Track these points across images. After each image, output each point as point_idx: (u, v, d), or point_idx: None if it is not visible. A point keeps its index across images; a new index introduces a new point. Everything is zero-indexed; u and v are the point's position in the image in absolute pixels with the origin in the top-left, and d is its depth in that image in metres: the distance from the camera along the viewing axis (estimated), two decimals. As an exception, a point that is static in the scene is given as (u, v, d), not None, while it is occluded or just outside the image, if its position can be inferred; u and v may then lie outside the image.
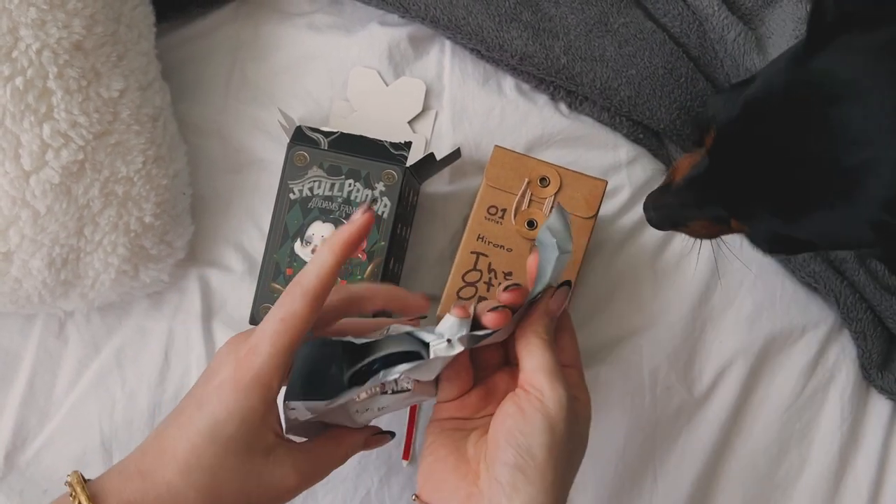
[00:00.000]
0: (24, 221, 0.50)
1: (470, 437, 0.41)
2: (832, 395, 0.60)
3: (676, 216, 0.45)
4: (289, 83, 0.62)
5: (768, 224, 0.39)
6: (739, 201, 0.40)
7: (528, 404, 0.38)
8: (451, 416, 0.42)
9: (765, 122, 0.37)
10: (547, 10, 0.61)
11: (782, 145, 0.36)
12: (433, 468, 0.41)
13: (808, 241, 0.39)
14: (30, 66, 0.47)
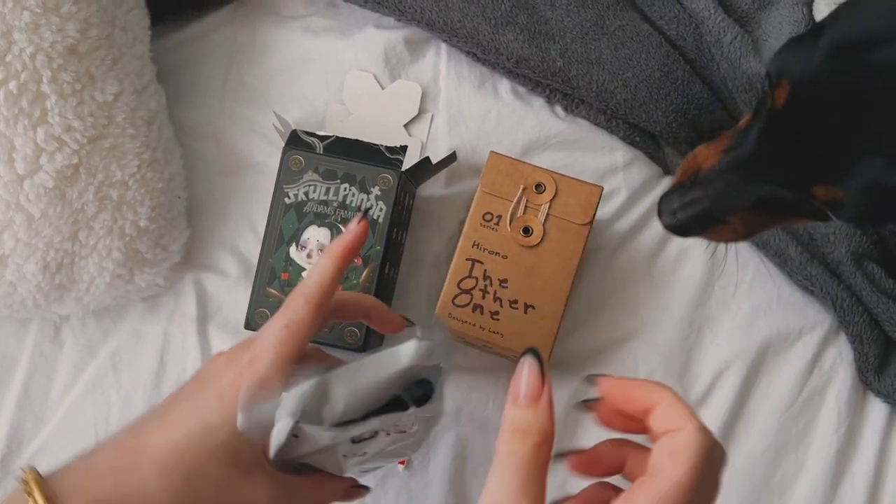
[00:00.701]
0: (18, 225, 0.49)
1: None
2: (829, 399, 0.60)
3: (714, 210, 0.36)
4: (285, 86, 0.62)
5: (872, 177, 0.32)
6: (826, 161, 0.32)
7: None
8: None
9: (860, 60, 0.31)
10: (543, 12, 0.60)
11: (889, 81, 0.31)
12: None
13: None
14: (24, 70, 0.47)
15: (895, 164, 0.31)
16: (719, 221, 0.37)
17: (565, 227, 0.52)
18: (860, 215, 0.34)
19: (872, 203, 0.33)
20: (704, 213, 0.36)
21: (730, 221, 0.37)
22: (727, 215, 0.36)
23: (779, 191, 0.35)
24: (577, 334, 0.59)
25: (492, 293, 0.52)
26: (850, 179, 0.32)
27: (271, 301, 0.52)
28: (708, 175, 0.36)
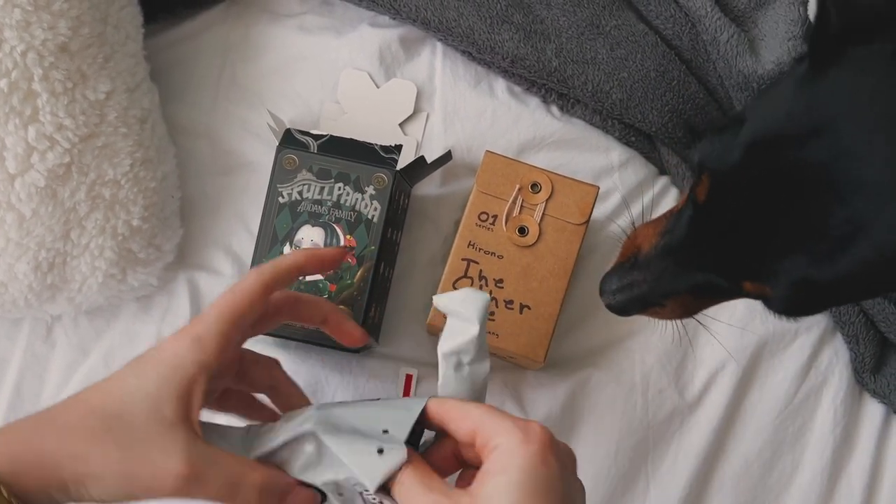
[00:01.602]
0: (9, 225, 0.49)
1: None
2: (825, 399, 0.60)
3: (650, 294, 0.37)
4: (279, 85, 0.62)
5: (798, 274, 0.32)
6: (750, 258, 0.33)
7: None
8: None
9: (778, 159, 0.32)
10: (538, 12, 0.60)
11: (809, 181, 0.31)
12: None
13: (842, 290, 0.33)
14: (14, 68, 0.47)
15: (818, 260, 0.31)
16: (657, 304, 0.38)
17: (561, 226, 0.52)
18: (788, 308, 0.34)
19: (801, 298, 0.33)
20: (642, 297, 0.37)
21: (667, 304, 0.37)
22: (664, 299, 0.37)
23: (713, 279, 0.35)
24: (572, 334, 0.59)
25: (487, 293, 0.52)
26: (776, 278, 0.33)
27: (265, 301, 0.52)
28: (645, 259, 0.37)
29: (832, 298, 0.35)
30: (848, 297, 0.36)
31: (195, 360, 0.37)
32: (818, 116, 0.31)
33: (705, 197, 0.34)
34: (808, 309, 0.35)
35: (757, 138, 0.33)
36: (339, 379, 0.58)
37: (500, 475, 0.34)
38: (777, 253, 0.32)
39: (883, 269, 0.31)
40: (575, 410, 0.59)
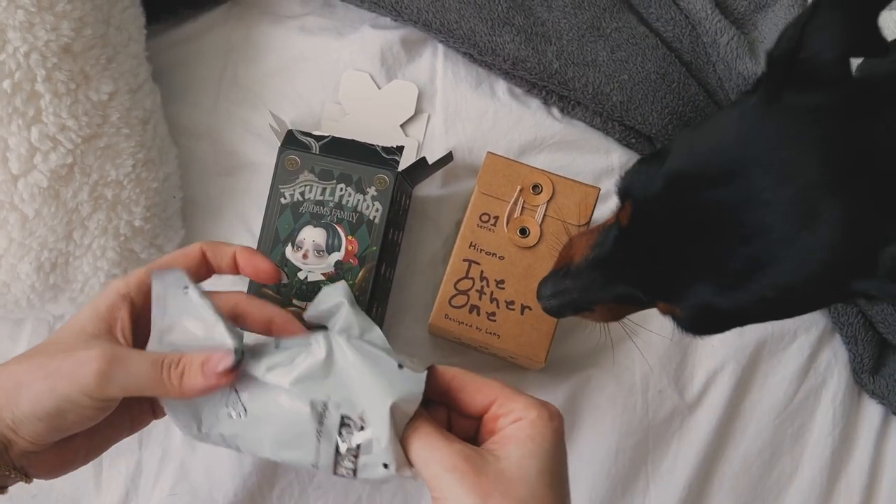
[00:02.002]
0: (11, 225, 0.49)
1: None
2: (824, 400, 0.60)
3: (580, 301, 0.41)
4: (280, 86, 0.62)
5: (702, 300, 0.36)
6: (663, 281, 0.37)
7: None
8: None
9: (692, 196, 0.35)
10: (539, 14, 0.60)
11: (718, 220, 0.34)
12: None
13: (742, 316, 0.37)
14: (17, 69, 0.47)
15: (721, 290, 0.35)
16: (587, 309, 0.42)
17: (562, 227, 0.52)
18: (693, 328, 0.38)
19: (704, 321, 0.37)
20: (573, 303, 0.41)
21: (596, 309, 0.42)
22: (593, 306, 0.41)
23: (633, 292, 0.39)
24: (573, 335, 0.60)
25: (488, 294, 0.52)
26: (684, 302, 0.37)
27: (267, 301, 0.52)
28: (576, 269, 0.41)
29: (733, 322, 0.38)
30: (748, 321, 0.39)
31: (118, 292, 0.41)
32: (737, 158, 0.34)
33: (627, 222, 0.38)
34: (710, 330, 0.39)
35: (677, 174, 0.36)
36: (341, 379, 0.58)
37: (528, 442, 0.36)
38: (686, 280, 0.36)
39: (777, 304, 0.35)
40: (575, 411, 0.59)
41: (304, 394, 0.38)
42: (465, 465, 0.35)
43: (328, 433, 0.38)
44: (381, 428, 0.37)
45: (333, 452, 0.38)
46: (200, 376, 0.39)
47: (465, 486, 0.35)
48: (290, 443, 0.39)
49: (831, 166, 0.32)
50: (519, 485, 0.35)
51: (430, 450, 0.36)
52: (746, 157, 0.34)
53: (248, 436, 0.40)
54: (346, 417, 0.38)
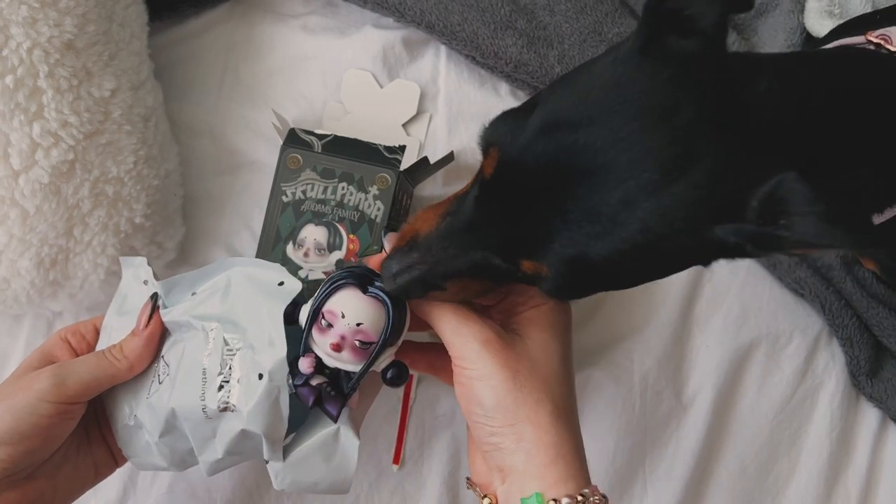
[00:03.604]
0: (12, 221, 0.49)
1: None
2: (821, 402, 0.60)
3: (429, 275, 0.37)
4: (282, 84, 0.62)
5: (574, 251, 0.33)
6: (530, 235, 0.34)
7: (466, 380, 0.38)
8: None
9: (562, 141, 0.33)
10: (542, 18, 0.61)
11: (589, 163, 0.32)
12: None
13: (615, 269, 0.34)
14: (20, 65, 0.47)
15: (591, 239, 0.33)
16: (438, 287, 0.37)
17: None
18: (562, 288, 0.35)
19: (574, 278, 0.34)
20: (421, 279, 0.37)
21: (448, 287, 0.37)
22: (444, 281, 0.37)
23: (492, 258, 0.35)
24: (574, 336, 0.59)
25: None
26: (551, 254, 0.34)
27: (268, 299, 0.52)
28: (426, 240, 0.37)
29: (604, 280, 0.35)
30: (620, 279, 0.36)
31: (59, 336, 0.46)
32: (609, 101, 0.33)
33: (492, 171, 0.35)
34: (580, 289, 0.36)
35: (546, 120, 0.34)
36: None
37: (549, 328, 0.39)
38: (552, 232, 0.34)
39: (649, 252, 0.33)
40: (573, 412, 0.59)
41: (198, 322, 0.42)
42: (498, 341, 0.38)
43: (214, 353, 0.41)
44: (259, 339, 0.39)
45: (217, 374, 0.40)
46: (135, 337, 0.43)
47: (497, 359, 0.37)
48: (185, 380, 0.42)
49: (706, 111, 0.32)
50: (543, 365, 0.38)
51: (465, 323, 0.38)
52: (618, 100, 0.33)
53: (172, 395, 0.42)
54: (229, 337, 0.41)
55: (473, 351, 0.37)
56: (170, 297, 0.45)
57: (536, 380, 0.38)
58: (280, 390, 0.39)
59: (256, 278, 0.42)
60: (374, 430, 0.58)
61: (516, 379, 0.37)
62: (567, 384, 0.40)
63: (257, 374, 0.39)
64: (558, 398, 0.38)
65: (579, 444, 0.39)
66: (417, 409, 0.58)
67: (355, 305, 0.38)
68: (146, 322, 0.44)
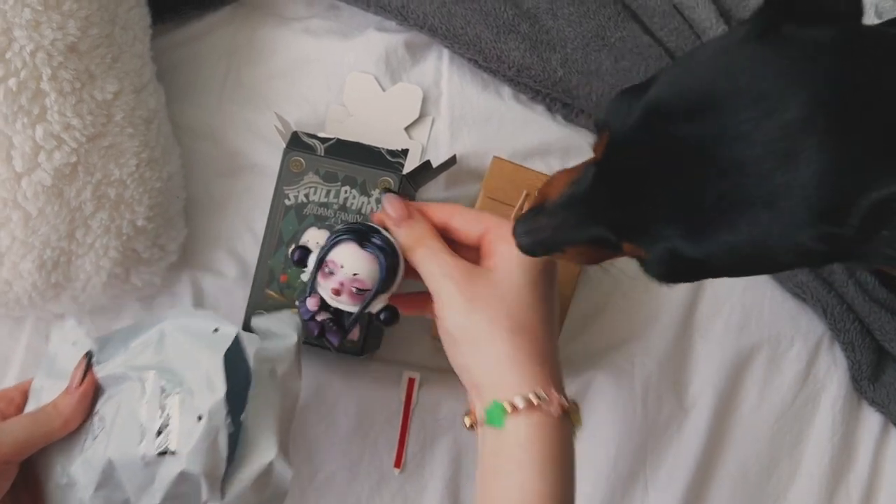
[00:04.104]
0: (14, 223, 0.49)
1: None
2: (823, 406, 0.60)
3: (551, 241, 0.39)
4: (284, 87, 0.62)
5: (669, 244, 0.33)
6: (634, 220, 0.35)
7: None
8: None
9: (670, 128, 0.32)
10: (545, 22, 0.61)
11: (694, 154, 0.32)
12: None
13: (712, 265, 0.34)
14: (23, 68, 0.47)
15: (687, 237, 0.33)
16: (559, 251, 0.39)
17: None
18: (660, 275, 0.36)
19: (671, 266, 0.35)
20: (543, 242, 0.39)
21: (567, 251, 0.39)
22: (563, 247, 0.39)
23: (606, 235, 0.36)
24: (577, 339, 0.60)
25: None
26: (651, 244, 0.34)
27: (269, 303, 0.52)
28: (551, 207, 0.38)
29: (701, 270, 0.35)
30: (719, 271, 0.36)
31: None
32: (720, 90, 0.32)
33: (601, 155, 0.35)
34: (678, 277, 0.36)
35: (656, 104, 0.33)
36: (342, 382, 0.58)
37: (518, 257, 0.40)
38: (654, 219, 0.33)
39: (748, 248, 0.32)
40: (575, 415, 0.59)
41: (134, 372, 0.43)
42: (459, 273, 0.41)
43: (151, 400, 0.42)
44: (197, 383, 0.41)
45: (154, 421, 0.41)
46: (69, 394, 0.44)
47: (458, 287, 0.41)
48: (121, 430, 0.43)
49: (821, 106, 0.30)
50: (503, 288, 0.41)
51: (433, 258, 0.42)
52: (730, 88, 0.31)
53: (109, 446, 0.43)
54: (166, 384, 0.42)
55: (440, 284, 0.42)
56: (103, 353, 0.46)
57: (493, 300, 0.40)
58: (219, 430, 0.41)
59: (190, 328, 0.44)
60: (375, 433, 0.58)
61: (473, 302, 0.40)
62: (532, 308, 0.41)
63: (196, 416, 0.41)
64: (516, 315, 0.40)
65: (544, 355, 0.40)
66: (419, 413, 0.58)
67: (353, 258, 0.43)
68: (80, 379, 0.45)
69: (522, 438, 0.38)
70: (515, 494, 0.38)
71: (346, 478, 0.57)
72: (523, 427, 0.38)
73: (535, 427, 0.38)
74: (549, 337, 0.42)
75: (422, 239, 0.43)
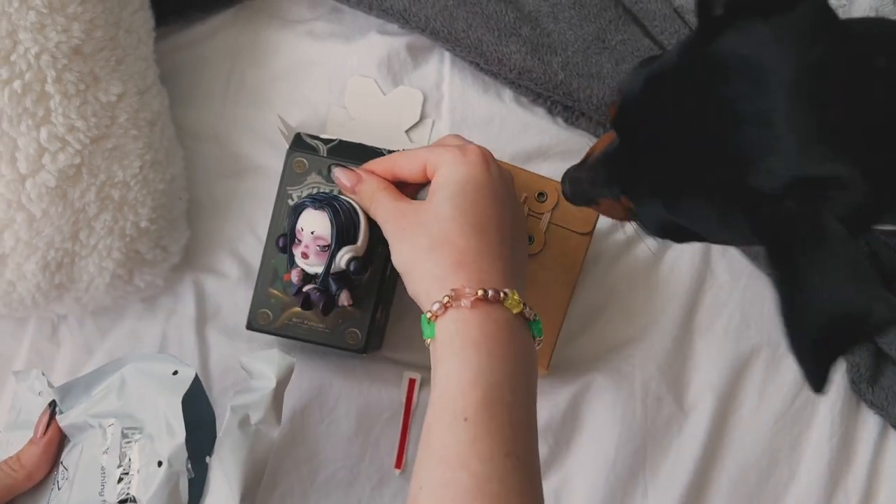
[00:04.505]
0: (19, 225, 0.49)
1: None
2: (822, 408, 0.60)
3: (587, 193, 0.44)
4: (287, 89, 0.62)
5: (653, 207, 0.37)
6: (632, 180, 0.39)
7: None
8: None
9: (661, 99, 0.36)
10: (546, 25, 0.61)
11: (675, 124, 0.35)
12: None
13: (690, 228, 0.37)
14: (28, 70, 0.47)
15: (669, 207, 0.37)
16: (593, 203, 0.44)
17: (566, 236, 0.53)
18: (646, 227, 0.40)
19: (658, 227, 0.39)
20: (581, 193, 0.44)
21: (601, 203, 0.43)
22: (597, 198, 0.43)
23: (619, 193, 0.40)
24: (576, 342, 0.60)
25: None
26: (641, 204, 0.39)
27: (273, 301, 0.52)
28: (591, 162, 0.43)
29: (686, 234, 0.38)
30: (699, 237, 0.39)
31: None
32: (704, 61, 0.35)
33: (614, 119, 0.39)
34: (665, 233, 0.40)
35: (658, 73, 0.36)
36: (343, 383, 0.58)
37: (444, 188, 0.43)
38: (641, 179, 0.38)
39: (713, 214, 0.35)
40: (575, 418, 0.59)
41: (95, 420, 0.44)
42: (394, 213, 0.44)
43: (112, 447, 0.42)
44: (157, 428, 0.42)
45: (116, 468, 0.42)
46: (33, 445, 0.44)
47: (392, 227, 0.44)
48: (83, 479, 0.43)
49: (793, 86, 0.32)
50: (426, 215, 0.43)
51: (378, 207, 0.46)
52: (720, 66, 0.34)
53: (71, 496, 0.43)
54: (126, 430, 0.43)
55: (384, 230, 0.45)
56: (66, 402, 0.46)
57: (417, 227, 0.43)
58: (179, 476, 0.41)
59: (149, 372, 0.45)
60: (376, 434, 0.58)
61: (402, 233, 0.43)
62: (451, 219, 0.42)
63: (157, 462, 0.41)
64: (435, 233, 0.42)
65: (465, 261, 0.41)
66: (420, 414, 0.59)
67: (310, 219, 0.47)
68: (44, 429, 0.45)
69: (444, 336, 0.39)
70: (441, 384, 0.39)
71: (346, 478, 0.57)
72: (444, 327, 0.40)
73: (452, 322, 0.39)
74: (473, 241, 0.42)
75: (373, 194, 0.46)
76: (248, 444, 0.43)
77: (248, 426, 0.44)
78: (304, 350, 0.57)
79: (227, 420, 0.44)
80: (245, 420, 0.44)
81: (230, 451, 0.43)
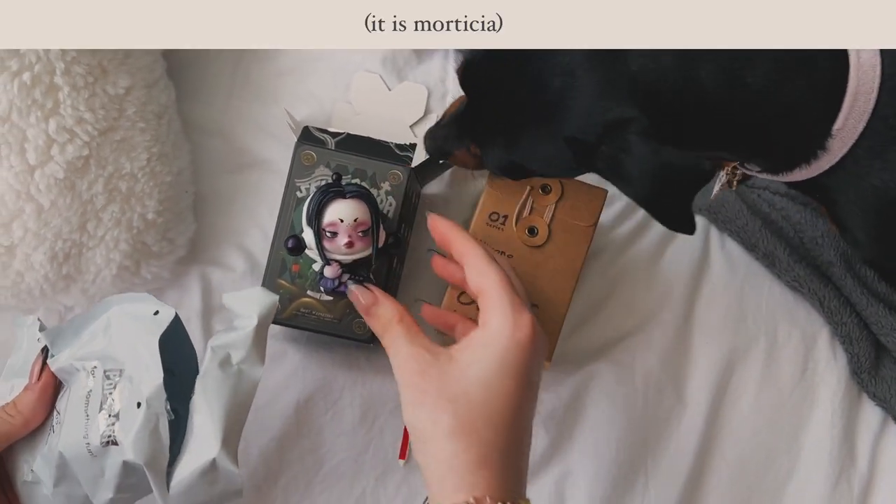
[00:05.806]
0: (27, 215, 0.50)
1: None
2: (822, 399, 0.61)
3: (443, 146, 0.50)
4: (292, 85, 0.63)
5: (496, 151, 0.46)
6: (478, 131, 0.47)
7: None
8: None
9: (496, 62, 0.44)
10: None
11: (507, 81, 0.43)
12: None
13: (526, 166, 0.46)
14: (37, 62, 0.48)
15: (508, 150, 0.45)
16: (450, 155, 0.50)
17: (570, 228, 0.53)
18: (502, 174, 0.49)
19: (499, 167, 0.47)
20: (440, 147, 0.50)
21: (456, 154, 0.50)
22: (452, 150, 0.49)
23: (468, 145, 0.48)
24: (579, 333, 0.61)
25: None
26: (486, 154, 0.47)
27: (282, 292, 0.53)
28: (446, 120, 0.49)
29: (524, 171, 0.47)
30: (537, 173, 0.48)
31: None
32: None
33: (460, 80, 0.46)
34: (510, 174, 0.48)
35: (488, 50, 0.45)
36: (347, 374, 0.59)
37: (480, 349, 0.41)
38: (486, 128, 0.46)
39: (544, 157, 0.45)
40: (577, 409, 0.60)
41: (80, 363, 0.44)
42: (412, 365, 0.41)
43: (95, 390, 0.42)
44: (137, 370, 0.41)
45: (98, 411, 0.41)
46: (28, 391, 0.44)
47: (408, 381, 0.41)
48: (70, 422, 0.42)
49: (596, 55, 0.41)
50: (455, 387, 0.39)
51: (393, 346, 0.43)
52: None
53: (60, 440, 0.43)
54: (108, 371, 0.42)
55: (397, 375, 0.42)
56: (56, 346, 0.46)
57: (440, 399, 0.39)
58: (159, 417, 0.40)
59: (132, 313, 0.44)
60: (380, 424, 0.58)
61: (421, 397, 0.40)
62: (484, 405, 0.39)
63: (136, 403, 0.40)
64: (462, 414, 0.39)
65: (487, 459, 0.39)
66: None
67: (346, 208, 0.46)
68: (38, 375, 0.45)
69: None
70: None
71: (351, 468, 0.58)
72: None
73: None
74: (500, 436, 0.39)
75: (387, 325, 0.44)
76: (231, 385, 0.42)
77: (230, 366, 0.42)
78: (309, 342, 0.58)
79: (207, 360, 0.42)
80: (226, 360, 0.42)
81: (212, 391, 0.41)
